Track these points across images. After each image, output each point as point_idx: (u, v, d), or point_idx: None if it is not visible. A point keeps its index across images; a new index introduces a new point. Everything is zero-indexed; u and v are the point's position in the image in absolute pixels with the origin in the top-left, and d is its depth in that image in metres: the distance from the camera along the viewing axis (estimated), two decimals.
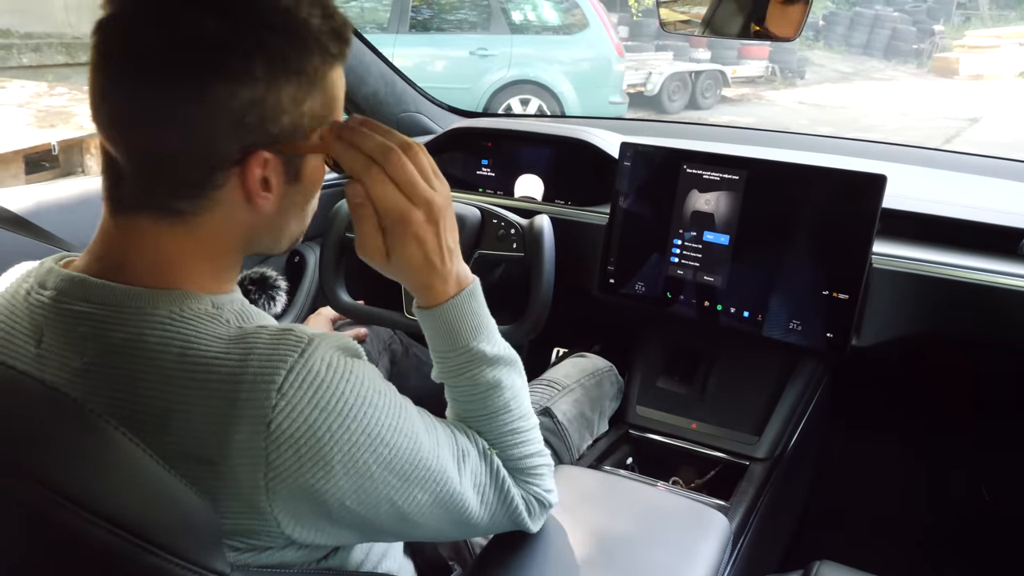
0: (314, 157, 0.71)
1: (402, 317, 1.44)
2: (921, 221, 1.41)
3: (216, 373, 0.62)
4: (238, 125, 0.63)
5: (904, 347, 1.38)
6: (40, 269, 0.71)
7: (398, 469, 0.68)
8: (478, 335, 0.79)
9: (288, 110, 0.65)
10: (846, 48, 14.95)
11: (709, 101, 10.48)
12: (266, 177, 0.67)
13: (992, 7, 16.05)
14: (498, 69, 6.98)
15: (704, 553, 1.01)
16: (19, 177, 3.78)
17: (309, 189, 0.73)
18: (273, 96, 0.64)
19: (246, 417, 0.61)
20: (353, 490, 0.65)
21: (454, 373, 0.80)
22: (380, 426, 0.66)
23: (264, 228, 0.72)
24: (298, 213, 0.75)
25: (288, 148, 0.67)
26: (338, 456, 0.63)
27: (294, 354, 0.63)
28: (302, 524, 0.65)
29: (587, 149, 1.67)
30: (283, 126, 0.66)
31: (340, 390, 0.64)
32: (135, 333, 0.64)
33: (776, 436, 1.43)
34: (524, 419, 0.82)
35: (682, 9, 1.46)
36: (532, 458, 0.82)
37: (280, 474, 0.61)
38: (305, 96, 0.66)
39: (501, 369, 0.80)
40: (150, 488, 0.57)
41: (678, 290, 1.48)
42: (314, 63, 0.66)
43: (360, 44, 1.76)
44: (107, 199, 0.68)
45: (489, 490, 0.77)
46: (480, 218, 1.41)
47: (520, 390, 0.83)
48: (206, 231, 0.68)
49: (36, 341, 0.67)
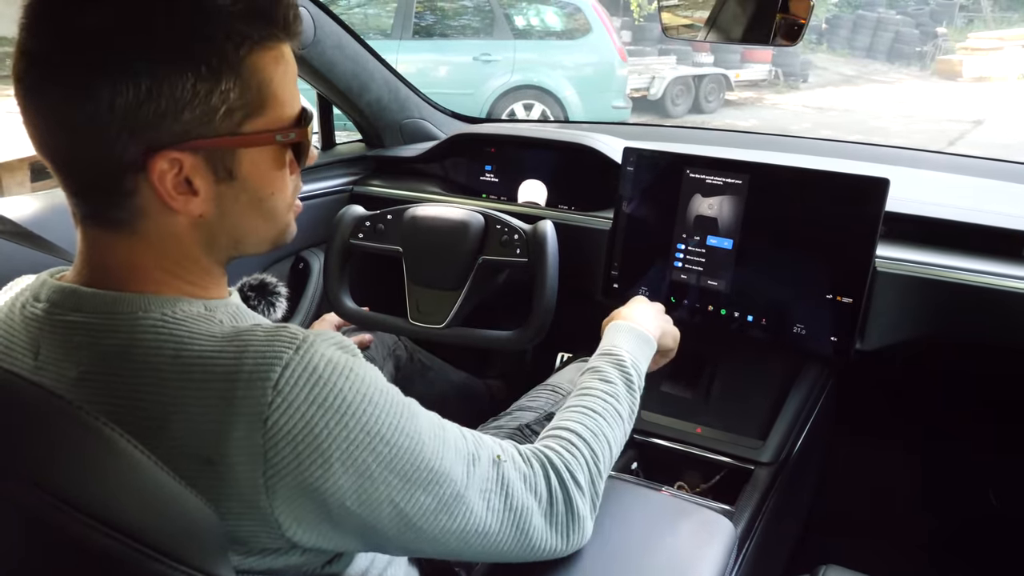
0: (254, 153, 0.67)
1: (406, 323, 1.44)
2: (925, 224, 1.41)
3: (212, 372, 0.61)
4: (131, 123, 0.60)
5: (908, 351, 1.38)
6: (35, 282, 0.71)
7: (399, 469, 0.66)
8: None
9: (189, 103, 0.61)
10: (849, 51, 14.93)
11: (712, 105, 10.48)
12: (188, 177, 0.64)
13: (995, 9, 16.03)
14: (501, 74, 6.99)
15: (709, 558, 1.00)
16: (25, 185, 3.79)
17: (255, 188, 0.68)
18: (167, 89, 0.60)
19: (243, 415, 0.60)
20: (353, 490, 0.64)
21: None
22: (380, 424, 0.65)
23: (216, 231, 0.68)
24: (253, 214, 0.70)
25: (207, 144, 0.63)
26: (336, 453, 0.62)
27: (289, 350, 0.62)
28: (303, 526, 0.64)
29: (590, 154, 1.67)
30: (186, 122, 0.61)
31: (338, 387, 0.63)
32: (128, 338, 0.64)
33: (781, 440, 1.43)
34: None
35: (684, 13, 1.46)
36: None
37: (278, 472, 0.61)
38: (211, 87, 0.61)
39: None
40: (152, 493, 0.57)
41: (682, 295, 1.48)
42: (222, 50, 0.61)
43: (363, 51, 1.76)
44: (70, 212, 0.69)
45: (496, 498, 0.74)
46: (483, 224, 1.41)
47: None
48: (154, 239, 0.66)
49: (34, 354, 0.67)
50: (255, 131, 0.66)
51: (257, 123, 0.66)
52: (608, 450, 0.91)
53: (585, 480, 0.84)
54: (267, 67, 0.65)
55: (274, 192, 0.70)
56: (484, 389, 1.82)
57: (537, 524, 0.78)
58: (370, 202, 1.65)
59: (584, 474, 0.85)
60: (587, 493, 0.85)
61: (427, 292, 1.44)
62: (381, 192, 1.84)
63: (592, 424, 0.91)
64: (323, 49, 1.64)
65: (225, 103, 0.63)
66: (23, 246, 1.04)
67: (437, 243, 1.41)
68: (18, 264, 0.85)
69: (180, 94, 0.60)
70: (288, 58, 0.68)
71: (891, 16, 14.94)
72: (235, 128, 0.64)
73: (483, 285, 1.43)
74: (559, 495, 0.81)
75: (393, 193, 1.82)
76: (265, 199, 0.70)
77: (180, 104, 0.61)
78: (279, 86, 0.66)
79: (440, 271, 1.42)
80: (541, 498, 0.79)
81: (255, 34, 0.63)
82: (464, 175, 1.87)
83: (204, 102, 0.62)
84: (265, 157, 0.68)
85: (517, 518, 0.76)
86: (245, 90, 0.64)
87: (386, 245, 1.46)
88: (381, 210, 1.47)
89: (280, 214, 0.73)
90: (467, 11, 7.56)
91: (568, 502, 0.81)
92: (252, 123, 0.65)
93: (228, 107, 0.63)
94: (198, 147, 0.63)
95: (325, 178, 1.82)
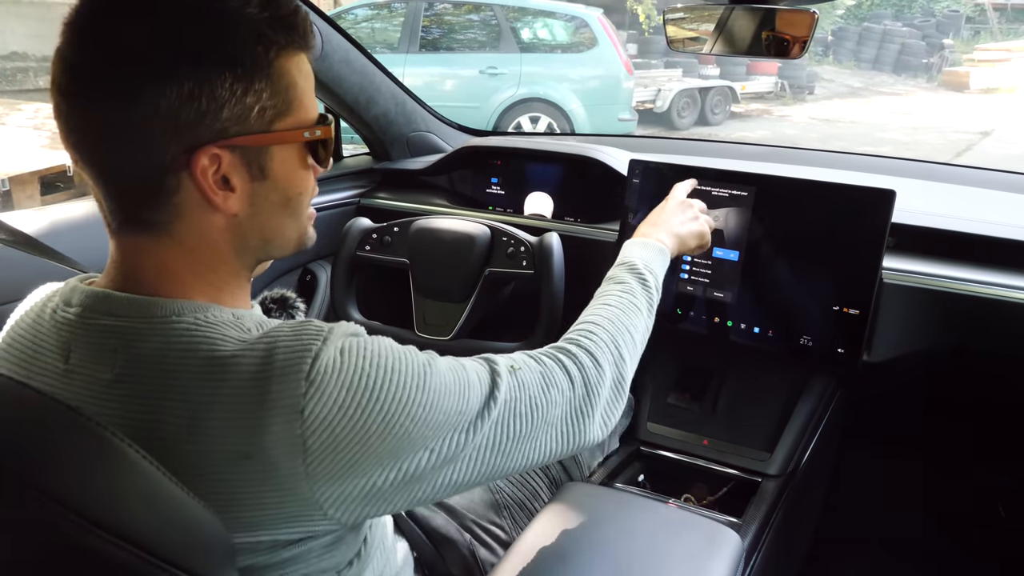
0: (283, 151, 0.71)
1: (413, 335, 1.44)
2: (932, 235, 1.40)
3: (244, 369, 0.63)
4: (175, 123, 0.64)
5: (916, 362, 1.37)
6: (65, 288, 0.73)
7: (433, 421, 0.69)
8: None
9: (227, 102, 0.65)
10: (855, 63, 14.96)
11: (719, 117, 10.50)
12: (225, 175, 0.68)
13: (1001, 20, 16.04)
14: (507, 88, 7.02)
15: (716, 571, 1.00)
16: (35, 198, 3.83)
17: (284, 187, 0.73)
18: (207, 89, 0.64)
19: (279, 408, 0.62)
20: (391, 455, 0.66)
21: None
22: (409, 388, 0.67)
23: (247, 231, 0.72)
24: (282, 212, 0.74)
25: (243, 141, 0.67)
26: (373, 427, 0.65)
27: (317, 342, 0.65)
28: (347, 504, 0.66)
29: (596, 166, 1.68)
30: (225, 120, 0.66)
31: (363, 368, 0.65)
32: (162, 342, 0.65)
33: (788, 452, 1.42)
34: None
35: (690, 26, 1.47)
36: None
37: (318, 456, 0.63)
38: (247, 87, 0.66)
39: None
40: (159, 502, 0.58)
41: (688, 306, 1.48)
42: (254, 53, 0.66)
43: (370, 64, 1.77)
44: (104, 221, 0.71)
45: (522, 405, 0.78)
46: (490, 236, 1.41)
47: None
48: (189, 240, 0.69)
49: (64, 357, 0.68)
50: (285, 129, 0.70)
51: (286, 122, 0.70)
52: (629, 336, 0.95)
53: (607, 361, 0.89)
54: (292, 71, 0.70)
55: (301, 192, 0.75)
56: None
57: (563, 414, 0.82)
58: (377, 215, 1.66)
59: (606, 355, 0.90)
60: (607, 373, 0.88)
61: (434, 304, 1.44)
62: (388, 205, 1.85)
63: (609, 313, 0.97)
64: (331, 63, 1.66)
65: (259, 102, 0.67)
66: (35, 256, 1.06)
67: (444, 255, 1.41)
68: (30, 274, 0.86)
69: (219, 93, 0.65)
70: (307, 65, 0.73)
71: (897, 28, 14.98)
72: (267, 126, 0.69)
73: (489, 297, 1.44)
74: (579, 378, 0.85)
75: (400, 206, 1.83)
76: (293, 198, 0.74)
77: (219, 103, 0.65)
78: (302, 90, 0.71)
79: (447, 283, 1.43)
80: (562, 388, 0.83)
81: (281, 39, 0.68)
82: (470, 188, 1.88)
83: (240, 101, 0.66)
84: (293, 155, 0.72)
85: (545, 415, 0.80)
86: (275, 91, 0.68)
87: (393, 257, 1.47)
88: (388, 222, 1.48)
89: (303, 214, 0.77)
90: (473, 25, 7.60)
91: (586, 384, 0.85)
92: (282, 122, 0.70)
93: (261, 106, 0.67)
94: (236, 144, 0.67)
95: (332, 191, 1.83)
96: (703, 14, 1.40)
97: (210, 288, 0.72)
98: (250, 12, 0.66)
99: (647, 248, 1.13)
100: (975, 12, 16.37)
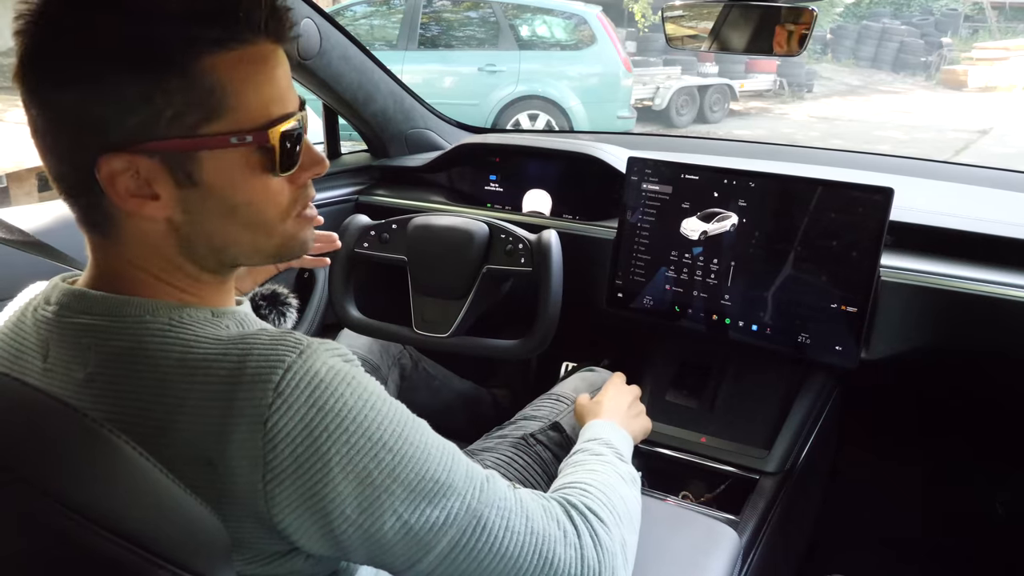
0: (217, 157, 0.64)
1: (412, 332, 1.44)
2: (930, 233, 1.40)
3: (215, 373, 0.62)
4: (82, 127, 0.61)
5: (914, 360, 1.37)
6: (47, 287, 0.72)
7: (403, 478, 0.64)
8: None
9: (133, 106, 0.60)
10: (854, 61, 14.95)
11: (717, 115, 10.49)
12: (148, 181, 0.63)
13: (1000, 19, 16.03)
14: (506, 85, 7.02)
15: (714, 568, 1.00)
16: (32, 194, 3.82)
17: (224, 195, 0.65)
18: (111, 93, 0.60)
19: (244, 416, 0.60)
20: (354, 497, 0.62)
21: None
22: (383, 431, 0.64)
23: (192, 238, 0.67)
24: (228, 221, 0.67)
25: (160, 147, 0.62)
26: (336, 458, 0.61)
27: (292, 354, 0.62)
28: (304, 533, 0.63)
29: (595, 164, 1.68)
30: (134, 125, 0.61)
31: (339, 392, 0.62)
32: (135, 341, 0.64)
33: (786, 450, 1.42)
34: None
35: (688, 24, 1.47)
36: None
37: (278, 476, 0.60)
38: (153, 90, 0.60)
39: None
40: (157, 498, 0.58)
41: (686, 304, 1.48)
42: (166, 53, 0.60)
43: (369, 61, 1.77)
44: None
45: (517, 519, 0.71)
46: (488, 233, 1.41)
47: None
48: (132, 243, 0.67)
49: (43, 356, 0.68)
50: (211, 134, 0.63)
51: (216, 126, 0.63)
52: (623, 502, 0.85)
53: (609, 518, 0.80)
54: (225, 70, 0.62)
55: (251, 201, 0.67)
56: (488, 398, 1.82)
57: (561, 554, 0.73)
58: (375, 212, 1.66)
59: (606, 513, 0.80)
60: (614, 532, 0.79)
61: (432, 301, 1.44)
62: (386, 202, 1.85)
63: (595, 479, 0.87)
64: (329, 60, 1.65)
65: (170, 106, 0.61)
66: (32, 254, 1.05)
67: (442, 252, 1.41)
68: (27, 272, 0.86)
69: (121, 97, 0.60)
70: (262, 59, 0.65)
71: (896, 26, 14.96)
72: (189, 131, 0.62)
73: (488, 294, 1.44)
74: (583, 528, 0.76)
75: (398, 203, 1.83)
76: (239, 207, 0.67)
77: (122, 107, 0.61)
78: (241, 89, 0.63)
79: (445, 280, 1.42)
80: (565, 530, 0.75)
81: (209, 36, 0.62)
82: (469, 185, 1.87)
83: (147, 105, 0.61)
84: (231, 162, 0.65)
85: (540, 545, 0.71)
86: (197, 93, 0.61)
87: (391, 254, 1.46)
88: (386, 219, 1.47)
89: (269, 225, 0.69)
90: (472, 22, 7.60)
91: (594, 535, 0.77)
92: (210, 126, 0.63)
93: (176, 110, 0.61)
94: (152, 149, 0.62)
95: (330, 188, 1.83)
96: (702, 11, 1.40)
97: (171, 289, 0.69)
98: (169, 7, 0.60)
99: (614, 430, 1.03)
100: (973, 11, 16.36)
